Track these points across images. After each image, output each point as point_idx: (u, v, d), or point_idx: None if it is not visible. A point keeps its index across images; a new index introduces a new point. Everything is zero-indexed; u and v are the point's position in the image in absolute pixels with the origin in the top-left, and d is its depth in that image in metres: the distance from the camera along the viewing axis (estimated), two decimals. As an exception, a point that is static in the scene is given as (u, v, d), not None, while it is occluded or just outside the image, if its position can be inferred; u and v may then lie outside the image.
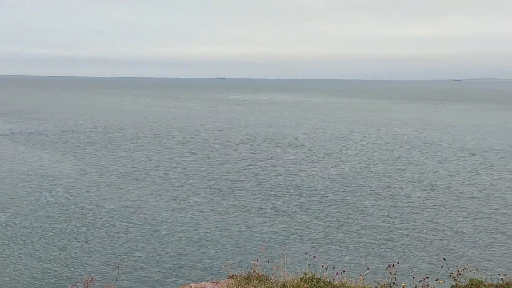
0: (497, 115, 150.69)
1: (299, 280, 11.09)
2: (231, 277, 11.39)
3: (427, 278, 12.38)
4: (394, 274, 12.27)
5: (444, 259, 13.77)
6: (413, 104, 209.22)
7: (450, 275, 12.62)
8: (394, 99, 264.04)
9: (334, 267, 12.42)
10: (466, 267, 12.99)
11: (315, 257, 12.63)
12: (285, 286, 10.87)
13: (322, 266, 12.09)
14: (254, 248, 31.10)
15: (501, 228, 37.40)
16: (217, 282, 11.32)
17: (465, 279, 12.44)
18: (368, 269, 13.43)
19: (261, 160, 67.36)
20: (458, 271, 12.59)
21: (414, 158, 68.99)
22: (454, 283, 12.39)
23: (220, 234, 36.14)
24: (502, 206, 43.99)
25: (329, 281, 11.58)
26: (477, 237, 35.48)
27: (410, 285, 12.08)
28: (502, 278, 12.60)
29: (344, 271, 12.13)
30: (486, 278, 12.65)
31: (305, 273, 11.59)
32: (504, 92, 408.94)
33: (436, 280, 12.35)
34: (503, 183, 53.52)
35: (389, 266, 12.54)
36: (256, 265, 11.97)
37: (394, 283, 12.20)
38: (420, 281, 12.28)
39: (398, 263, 13.36)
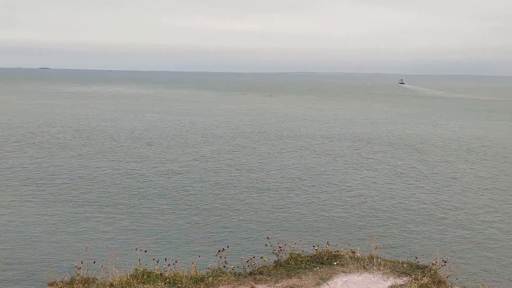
0: (316, 104, 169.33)
1: (128, 277, 10.87)
2: (51, 284, 10.53)
3: (254, 257, 13.40)
4: (225, 257, 12.96)
5: (268, 238, 15.04)
6: (247, 95, 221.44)
7: (273, 252, 13.87)
8: (228, 90, 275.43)
9: (166, 258, 12.50)
10: (286, 243, 14.43)
11: (145, 251, 12.54)
12: (113, 285, 10.52)
13: (154, 259, 12.06)
14: (78, 251, 28.97)
15: (320, 207, 42.33)
16: (35, 293, 10.35)
17: (285, 254, 13.82)
18: (199, 256, 13.88)
19: (96, 156, 63.57)
20: (280, 247, 13.92)
21: (249, 147, 73.19)
22: (276, 259, 13.67)
23: (39, 239, 32.72)
24: (323, 186, 49.77)
25: (161, 274, 11.64)
26: (297, 214, 39.42)
27: (238, 266, 12.90)
28: (316, 249, 14.36)
29: (176, 261, 12.33)
30: (303, 250, 14.24)
31: (135, 269, 11.41)
32: (319, 83, 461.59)
33: (261, 258, 13.44)
34: (324, 165, 60.53)
35: (219, 251, 13.19)
36: (80, 268, 11.32)
37: (224, 266, 12.88)
38: (247, 261, 13.22)
39: (228, 247, 14.11)
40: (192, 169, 56.46)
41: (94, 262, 11.84)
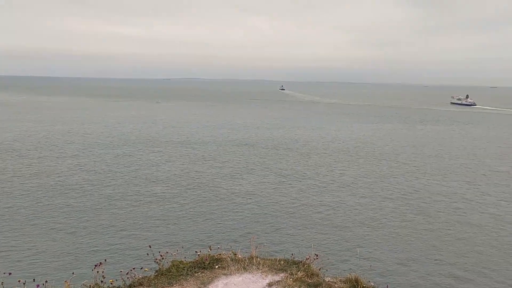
0: (201, 110, 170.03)
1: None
2: None
3: (134, 269, 12.97)
4: (102, 272, 12.34)
5: (150, 247, 14.72)
6: (130, 102, 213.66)
7: (154, 261, 13.59)
8: (110, 97, 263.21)
9: (34, 279, 11.53)
10: (168, 251, 14.25)
11: (10, 273, 11.44)
12: (-32, 315, 9.39)
13: (19, 281, 11.05)
14: None
15: (206, 214, 42.54)
16: None
17: (167, 262, 13.64)
18: (73, 273, 13.04)
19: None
20: (161, 255, 13.69)
21: (135, 155, 70.66)
22: (158, 268, 13.42)
23: None
24: (210, 192, 50.07)
25: (28, 296, 10.69)
26: (181, 223, 39.17)
27: (117, 280, 12.40)
28: (198, 254, 14.42)
29: (46, 281, 11.43)
30: (186, 257, 14.20)
31: (-3, 294, 10.34)
32: (205, 89, 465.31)
33: (141, 269, 13.09)
34: (211, 171, 60.87)
35: (96, 266, 12.51)
36: None
37: (102, 281, 12.26)
38: (127, 274, 12.74)
39: (105, 260, 13.48)
40: (69, 181, 52.75)
41: None
